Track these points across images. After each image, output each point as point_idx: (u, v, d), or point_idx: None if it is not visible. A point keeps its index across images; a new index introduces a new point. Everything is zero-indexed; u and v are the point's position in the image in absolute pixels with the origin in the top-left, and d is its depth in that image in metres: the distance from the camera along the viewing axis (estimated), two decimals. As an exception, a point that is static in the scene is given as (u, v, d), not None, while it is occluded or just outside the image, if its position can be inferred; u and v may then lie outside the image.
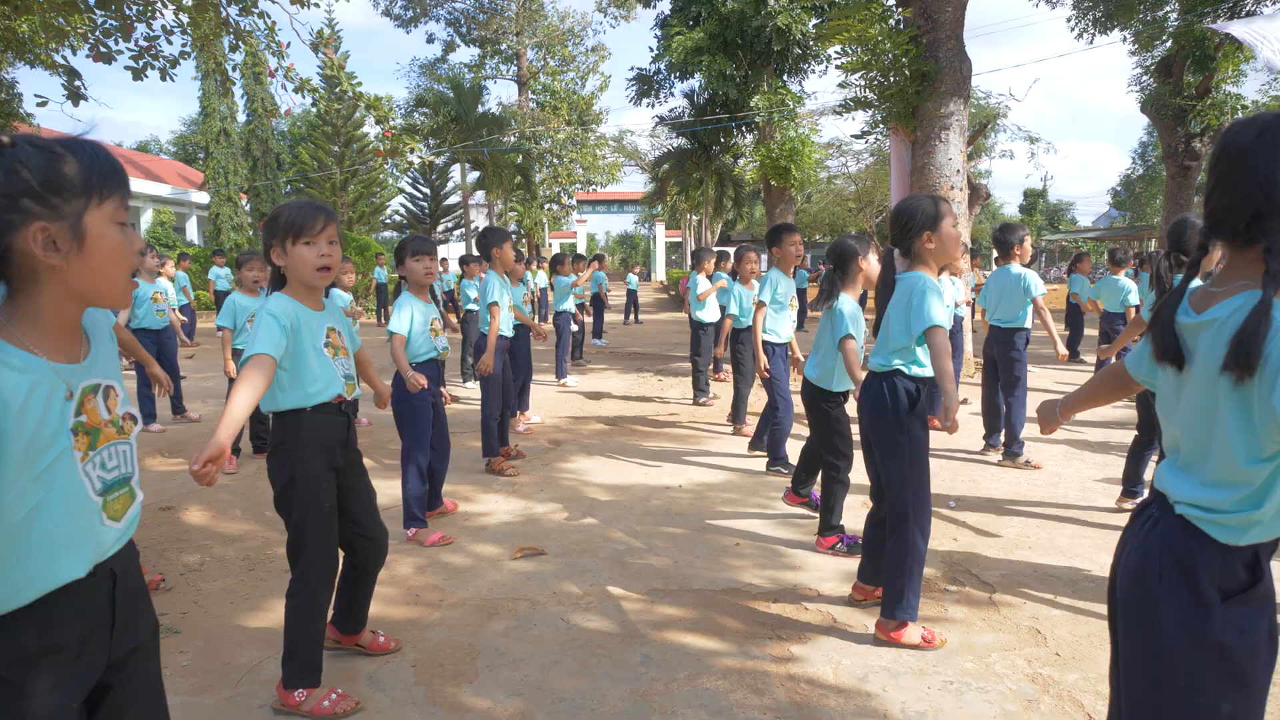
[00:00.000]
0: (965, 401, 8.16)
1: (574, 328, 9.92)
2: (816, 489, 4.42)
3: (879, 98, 9.94)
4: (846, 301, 4.10)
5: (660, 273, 47.27)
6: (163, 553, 4.19)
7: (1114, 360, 3.41)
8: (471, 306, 9.30)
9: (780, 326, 5.72)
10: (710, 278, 8.55)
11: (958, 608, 3.39)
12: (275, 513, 2.71)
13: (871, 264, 4.36)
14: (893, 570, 3.06)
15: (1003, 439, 5.89)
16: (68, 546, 1.31)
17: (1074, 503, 4.88)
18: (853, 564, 3.84)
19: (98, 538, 1.37)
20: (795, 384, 5.15)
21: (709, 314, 8.42)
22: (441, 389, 4.59)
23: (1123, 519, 4.54)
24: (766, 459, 5.79)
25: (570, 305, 9.84)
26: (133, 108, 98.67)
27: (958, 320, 7.71)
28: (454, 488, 5.29)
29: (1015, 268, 5.76)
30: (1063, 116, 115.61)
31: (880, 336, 3.15)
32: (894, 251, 3.16)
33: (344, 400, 2.73)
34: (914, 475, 3.03)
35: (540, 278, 17.22)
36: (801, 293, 16.64)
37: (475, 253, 10.24)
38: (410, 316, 4.33)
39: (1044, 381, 9.39)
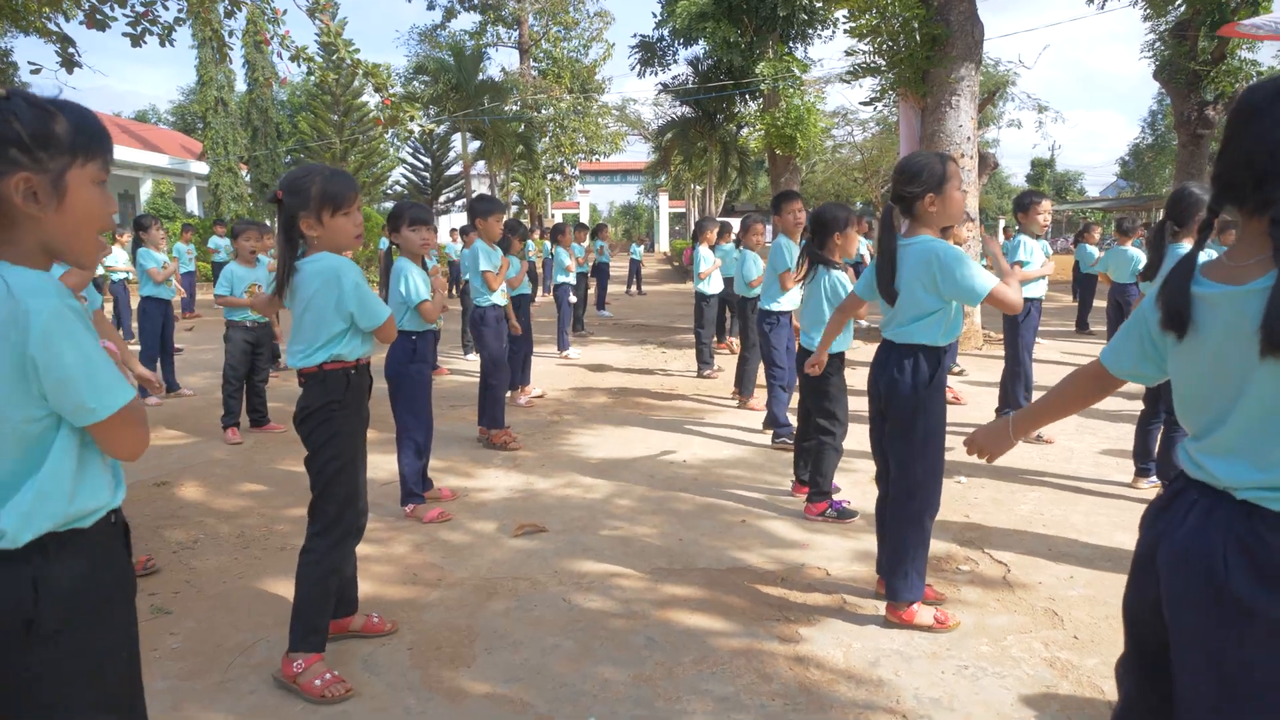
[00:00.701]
0: (962, 372, 8.04)
1: (573, 299, 9.77)
2: (843, 499, 4.29)
3: (888, 63, 9.71)
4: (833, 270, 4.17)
5: (664, 243, 46.98)
6: (156, 529, 4.10)
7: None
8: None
9: (786, 294, 5.58)
10: (713, 248, 8.39)
11: (971, 588, 3.28)
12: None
13: (850, 239, 4.26)
14: (896, 550, 2.96)
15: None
16: None
17: (1088, 477, 4.78)
18: (860, 542, 3.75)
19: None
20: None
21: (712, 286, 8.28)
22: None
23: (1139, 494, 4.44)
24: (771, 426, 5.71)
25: (571, 277, 9.69)
26: (131, 77, 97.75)
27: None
28: (452, 463, 5.20)
29: (1025, 240, 5.56)
30: (1070, 84, 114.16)
31: (899, 305, 2.95)
32: (893, 210, 2.95)
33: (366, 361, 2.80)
34: (927, 452, 2.91)
35: (543, 248, 17.02)
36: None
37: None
38: (419, 282, 4.15)
39: (1052, 353, 9.25)
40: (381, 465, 5.14)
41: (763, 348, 5.66)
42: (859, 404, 3.53)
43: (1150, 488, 4.48)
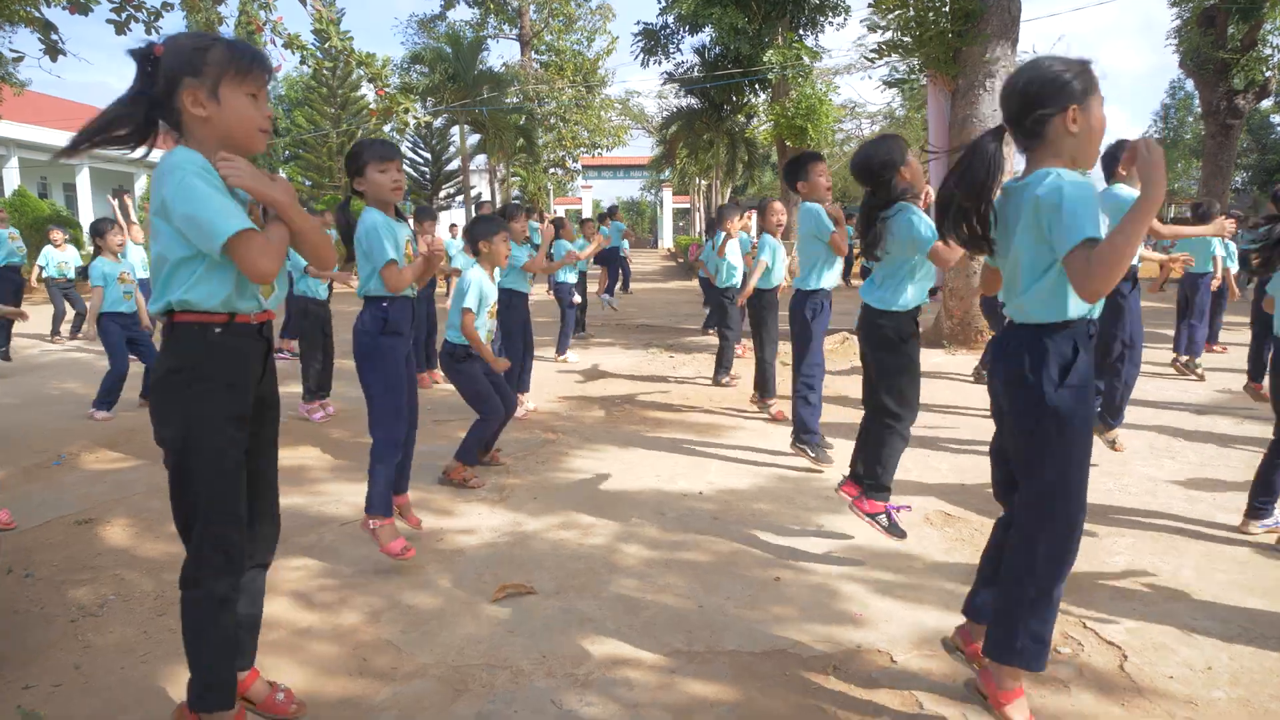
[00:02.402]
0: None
1: (576, 299, 8.99)
2: (900, 505, 3.57)
3: (915, 41, 8.92)
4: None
5: (667, 239, 46.16)
6: (60, 586, 3.35)
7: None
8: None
9: (827, 272, 4.80)
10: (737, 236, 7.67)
11: (1081, 689, 2.51)
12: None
13: (915, 169, 3.52)
14: (1014, 594, 2.19)
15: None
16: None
17: (1182, 515, 4.00)
18: (929, 614, 2.99)
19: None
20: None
21: (735, 279, 7.52)
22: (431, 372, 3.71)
23: (1253, 539, 3.67)
24: (793, 432, 4.96)
25: (572, 276, 8.91)
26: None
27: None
28: (428, 494, 4.45)
29: (1122, 189, 4.44)
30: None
31: (1022, 274, 2.17)
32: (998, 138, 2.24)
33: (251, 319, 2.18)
34: (1069, 462, 2.13)
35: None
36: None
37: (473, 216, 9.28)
38: (385, 239, 3.33)
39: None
40: (345, 497, 4.39)
41: (800, 339, 4.85)
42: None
43: (1265, 532, 3.70)
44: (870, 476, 3.52)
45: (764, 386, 6.33)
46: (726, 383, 7.44)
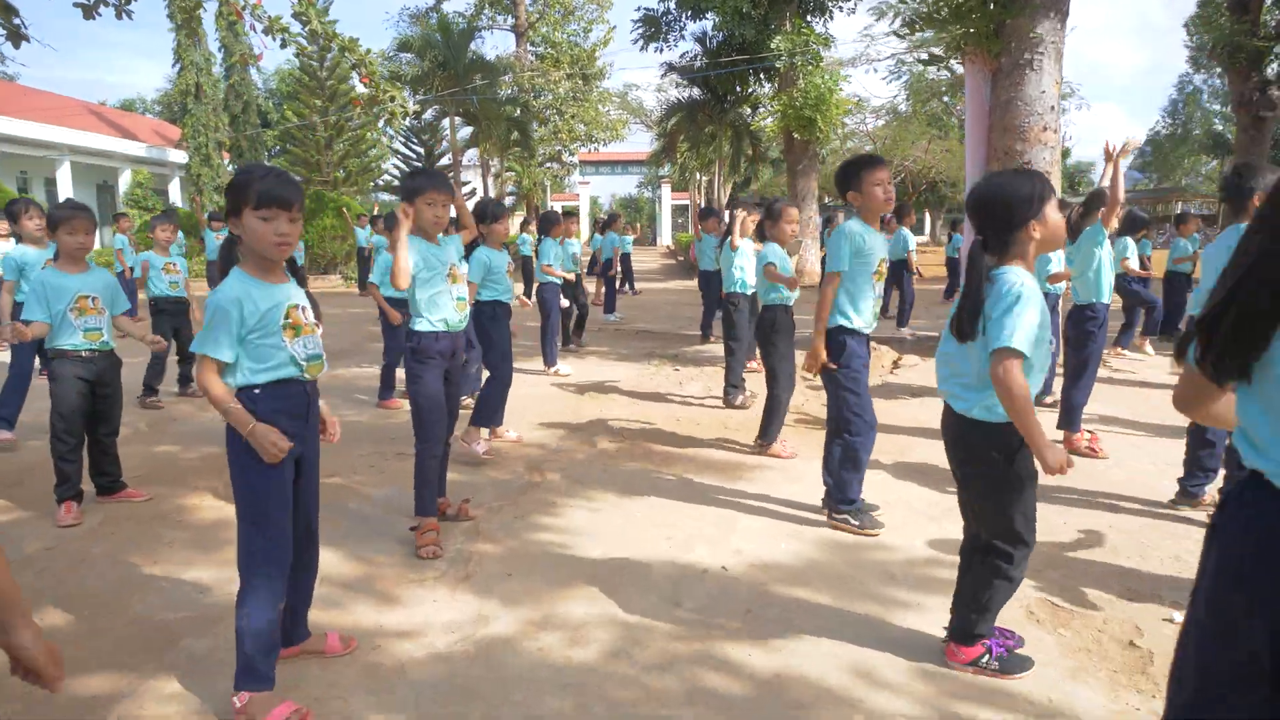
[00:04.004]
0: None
1: (563, 303, 7.96)
2: (1008, 635, 2.61)
3: (952, 14, 7.89)
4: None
5: (666, 236, 45.15)
6: None
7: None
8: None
9: (863, 305, 3.79)
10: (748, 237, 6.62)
11: None
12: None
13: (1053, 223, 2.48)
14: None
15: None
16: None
17: None
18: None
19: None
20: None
21: (747, 282, 6.48)
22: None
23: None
24: (827, 497, 3.94)
25: (559, 277, 7.88)
26: (124, 68, 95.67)
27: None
28: (374, 567, 3.43)
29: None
30: (1067, 76, 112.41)
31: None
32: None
33: None
34: None
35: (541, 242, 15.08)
36: (899, 263, 10.95)
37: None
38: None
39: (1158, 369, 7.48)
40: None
41: (840, 384, 3.84)
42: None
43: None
44: (962, 623, 2.57)
45: (768, 429, 5.14)
46: (740, 403, 6.42)
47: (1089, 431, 5.13)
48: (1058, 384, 6.66)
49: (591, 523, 3.97)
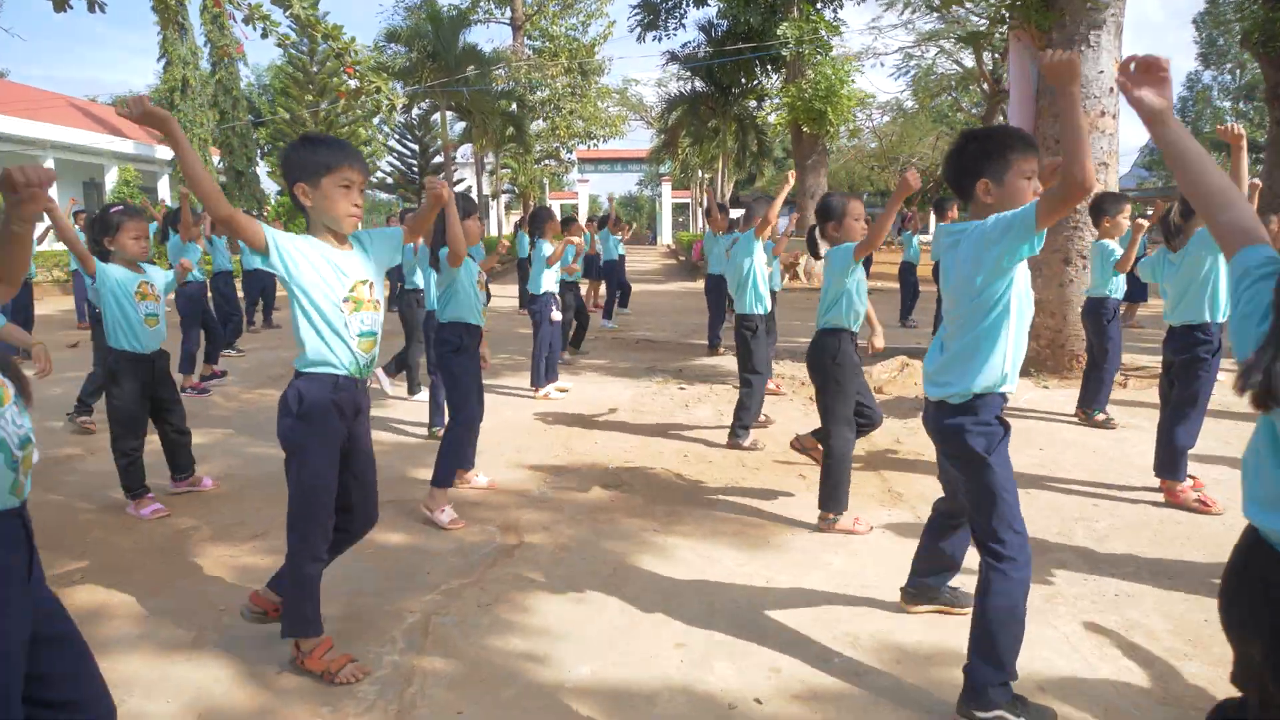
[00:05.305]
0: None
1: (556, 316, 7.00)
2: None
3: (997, -14, 6.94)
4: None
5: (666, 235, 44.17)
6: None
7: None
8: (417, 284, 6.46)
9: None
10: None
11: None
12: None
13: None
14: None
15: None
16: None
17: None
18: None
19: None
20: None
21: (764, 300, 5.49)
22: None
23: None
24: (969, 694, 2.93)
25: (552, 285, 6.93)
26: (120, 66, 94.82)
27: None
28: (275, 700, 2.47)
29: None
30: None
31: None
32: None
33: None
34: None
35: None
36: (908, 266, 11.84)
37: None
38: None
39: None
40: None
41: (986, 467, 2.37)
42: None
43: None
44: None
45: (835, 497, 3.81)
46: (748, 445, 5.32)
47: (1192, 477, 4.19)
48: (1108, 398, 5.73)
49: (578, 620, 3.01)
